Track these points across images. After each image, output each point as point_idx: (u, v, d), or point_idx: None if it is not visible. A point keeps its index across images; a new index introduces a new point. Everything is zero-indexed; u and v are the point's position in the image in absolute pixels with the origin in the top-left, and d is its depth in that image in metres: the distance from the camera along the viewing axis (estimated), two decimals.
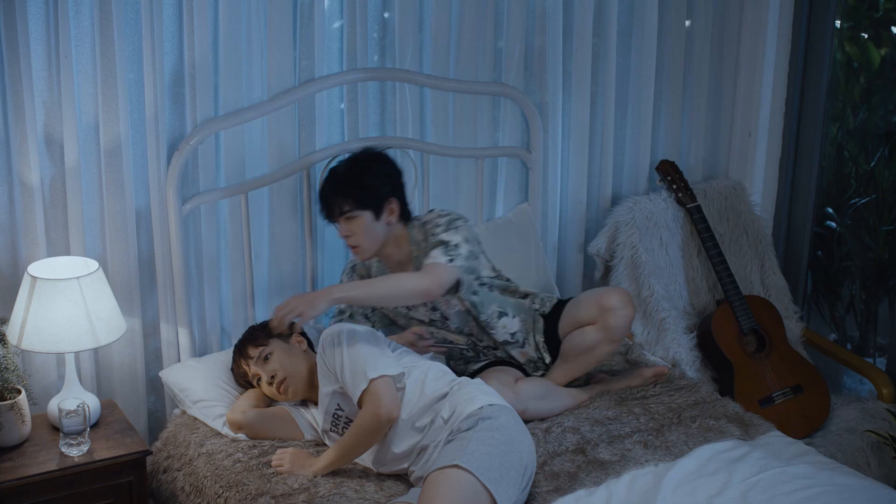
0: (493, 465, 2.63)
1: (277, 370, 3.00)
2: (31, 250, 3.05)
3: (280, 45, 3.29)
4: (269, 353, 3.03)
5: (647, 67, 3.90)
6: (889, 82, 4.36)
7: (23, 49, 2.91)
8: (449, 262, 3.07)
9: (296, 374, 3.01)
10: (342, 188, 3.12)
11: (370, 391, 2.78)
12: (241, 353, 3.09)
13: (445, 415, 2.79)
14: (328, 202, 3.15)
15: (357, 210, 3.11)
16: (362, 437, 2.80)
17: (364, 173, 3.13)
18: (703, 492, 2.75)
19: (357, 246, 3.16)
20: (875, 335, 4.36)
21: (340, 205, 3.11)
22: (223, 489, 2.83)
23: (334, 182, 3.14)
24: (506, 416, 2.79)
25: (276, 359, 3.02)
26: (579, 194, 3.92)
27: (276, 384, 3.00)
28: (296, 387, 3.02)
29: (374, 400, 2.77)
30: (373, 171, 3.14)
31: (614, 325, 3.19)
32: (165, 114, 3.18)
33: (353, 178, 3.12)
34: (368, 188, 3.11)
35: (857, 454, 3.55)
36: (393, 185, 3.18)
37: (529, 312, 3.36)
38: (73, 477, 2.82)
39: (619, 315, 3.19)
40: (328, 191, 3.15)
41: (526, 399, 3.13)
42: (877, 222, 4.22)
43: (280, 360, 3.02)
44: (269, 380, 3.01)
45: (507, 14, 3.63)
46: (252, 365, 3.04)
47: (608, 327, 3.19)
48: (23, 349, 2.87)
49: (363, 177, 3.12)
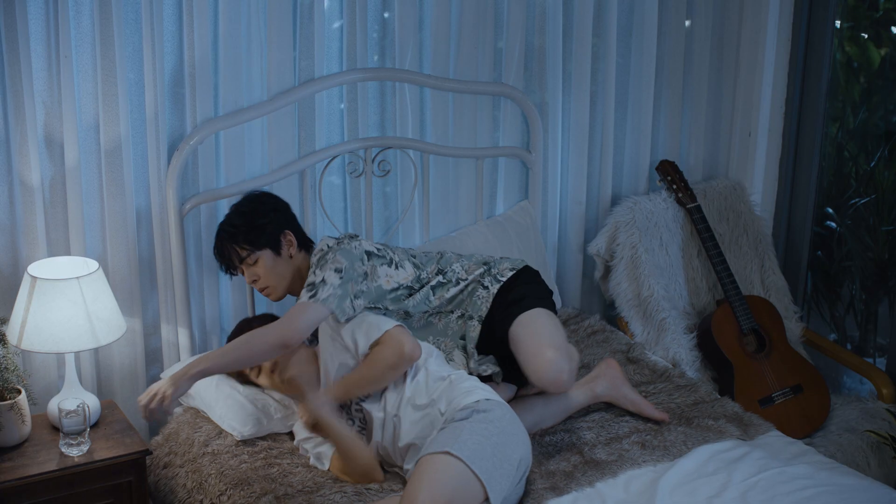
0: (485, 456, 2.63)
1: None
2: (31, 250, 3.05)
3: (280, 45, 3.29)
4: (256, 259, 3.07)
5: (647, 67, 3.90)
6: (889, 82, 4.35)
7: (23, 49, 2.91)
8: (310, 297, 2.93)
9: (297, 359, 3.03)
10: (234, 235, 3.07)
11: (389, 335, 2.85)
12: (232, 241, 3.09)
13: (442, 407, 2.80)
14: (225, 254, 3.11)
15: (256, 252, 3.07)
16: (381, 370, 2.85)
17: (251, 215, 3.08)
18: (702, 492, 2.74)
19: (266, 287, 3.12)
20: (875, 335, 4.35)
21: (238, 252, 3.08)
22: (227, 487, 2.84)
23: (225, 234, 3.10)
24: (501, 411, 2.79)
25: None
26: (579, 194, 3.92)
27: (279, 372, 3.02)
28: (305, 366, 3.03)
29: (396, 341, 2.84)
30: (259, 212, 3.09)
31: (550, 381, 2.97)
32: (165, 114, 3.18)
33: (242, 224, 3.07)
34: (260, 227, 3.07)
35: (857, 454, 3.55)
36: (283, 218, 3.13)
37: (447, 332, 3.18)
38: (73, 477, 2.82)
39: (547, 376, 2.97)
40: (222, 244, 3.11)
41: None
42: (877, 222, 4.22)
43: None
44: (272, 368, 3.03)
45: (507, 14, 3.63)
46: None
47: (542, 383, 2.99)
48: (23, 349, 2.87)
49: (251, 218, 3.07)
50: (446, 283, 3.19)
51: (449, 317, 3.19)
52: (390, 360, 2.84)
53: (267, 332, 2.91)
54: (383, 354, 2.85)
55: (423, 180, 3.61)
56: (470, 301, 3.17)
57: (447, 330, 3.18)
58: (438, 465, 2.59)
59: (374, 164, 3.51)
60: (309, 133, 3.44)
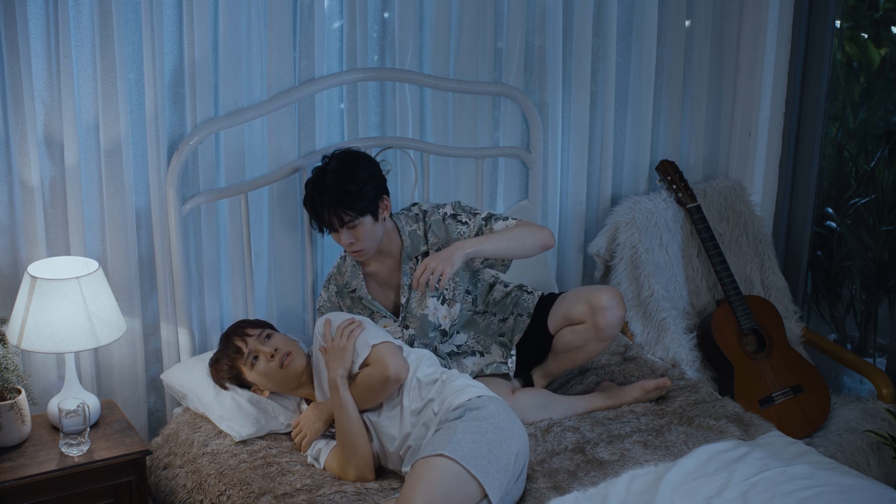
0: (481, 454, 2.63)
1: (280, 346, 3.00)
2: (31, 250, 3.05)
3: (280, 45, 3.29)
4: (270, 334, 3.04)
5: (647, 67, 3.90)
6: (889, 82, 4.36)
7: (23, 49, 2.91)
8: (503, 220, 3.24)
9: (298, 352, 3.02)
10: (341, 202, 3.08)
11: (374, 354, 2.85)
12: (237, 333, 3.06)
13: (436, 408, 2.81)
14: (325, 217, 3.12)
15: (358, 218, 3.10)
16: (370, 395, 2.86)
17: (354, 181, 3.10)
18: (702, 492, 2.74)
19: (361, 249, 3.16)
20: (875, 335, 4.35)
21: (341, 217, 3.10)
22: (226, 487, 2.84)
23: (328, 197, 3.10)
24: (494, 406, 2.79)
25: (277, 337, 3.03)
26: (579, 194, 3.92)
27: (280, 357, 2.98)
28: (298, 364, 3.00)
29: (381, 361, 2.84)
30: (361, 178, 3.12)
31: (604, 325, 3.19)
32: (165, 114, 3.18)
33: (346, 189, 3.08)
34: (364, 194, 3.10)
35: (857, 454, 3.55)
36: (381, 183, 3.18)
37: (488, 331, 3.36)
38: (73, 477, 2.82)
39: (609, 315, 3.19)
40: (323, 206, 3.11)
41: (523, 410, 3.13)
42: (877, 222, 4.22)
43: (282, 339, 3.03)
44: (272, 354, 2.99)
45: (507, 14, 3.63)
46: (251, 342, 3.02)
47: (598, 327, 3.20)
48: (23, 349, 2.87)
49: (359, 186, 3.10)
50: (496, 283, 3.38)
51: (492, 318, 3.35)
52: (376, 384, 2.86)
53: (536, 231, 3.18)
54: (370, 379, 2.86)
55: (423, 180, 3.61)
56: (517, 303, 3.36)
57: (488, 329, 3.33)
58: (433, 467, 2.59)
59: None
60: (309, 133, 3.44)
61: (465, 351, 3.32)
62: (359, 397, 2.88)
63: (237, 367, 3.06)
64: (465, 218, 3.25)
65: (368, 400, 2.89)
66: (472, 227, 3.23)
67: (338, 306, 3.28)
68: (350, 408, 2.86)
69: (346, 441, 2.85)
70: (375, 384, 2.85)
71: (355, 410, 2.87)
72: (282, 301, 3.51)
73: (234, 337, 3.06)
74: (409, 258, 3.24)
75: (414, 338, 3.26)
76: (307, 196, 3.16)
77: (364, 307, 3.27)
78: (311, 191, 3.15)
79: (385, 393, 2.87)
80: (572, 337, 3.25)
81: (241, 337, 3.05)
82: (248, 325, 3.09)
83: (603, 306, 3.18)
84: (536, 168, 3.77)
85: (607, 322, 3.19)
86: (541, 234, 3.19)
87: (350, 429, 2.85)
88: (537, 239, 3.19)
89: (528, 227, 3.21)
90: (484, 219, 3.25)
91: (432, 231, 3.25)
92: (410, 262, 3.24)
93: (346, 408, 2.86)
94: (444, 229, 3.24)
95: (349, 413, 2.85)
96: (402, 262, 3.24)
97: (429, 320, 3.26)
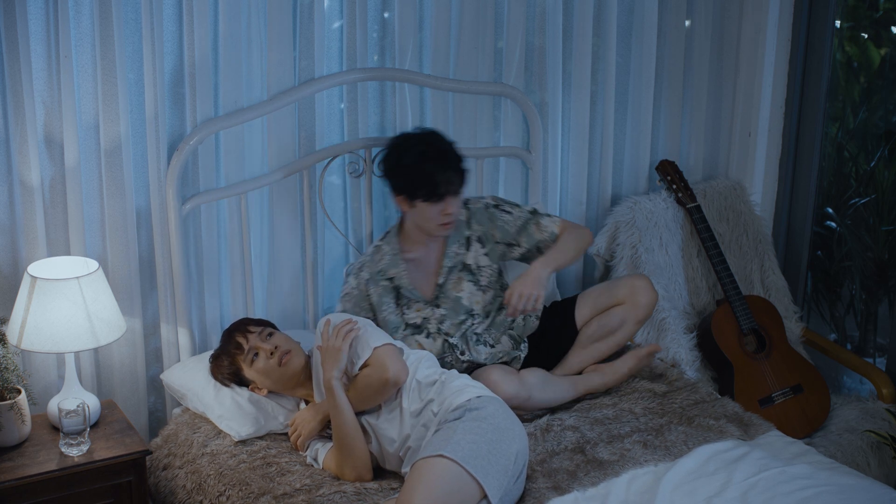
0: (480, 454, 2.63)
1: (280, 344, 3.01)
2: (31, 250, 3.05)
3: (280, 45, 3.29)
4: (271, 332, 3.05)
5: (647, 67, 3.90)
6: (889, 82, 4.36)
7: (23, 49, 2.91)
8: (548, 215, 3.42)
9: (297, 351, 3.02)
10: (456, 167, 3.19)
11: (375, 357, 2.85)
12: (239, 329, 3.06)
13: (435, 409, 2.81)
14: (444, 180, 3.16)
15: (462, 188, 3.21)
16: (368, 396, 2.86)
17: (456, 151, 3.23)
18: (702, 492, 2.74)
19: (451, 223, 3.23)
20: (875, 335, 4.36)
21: (457, 183, 3.18)
22: (226, 487, 2.84)
23: (448, 160, 3.18)
24: (494, 406, 2.79)
25: (278, 336, 3.04)
26: (579, 194, 3.92)
27: (280, 354, 2.98)
28: (296, 363, 3.00)
29: (381, 364, 2.84)
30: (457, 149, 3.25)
31: (644, 303, 3.34)
32: (165, 114, 3.18)
33: (457, 157, 3.20)
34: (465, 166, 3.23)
35: (857, 454, 3.55)
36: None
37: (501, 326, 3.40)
38: (72, 477, 2.82)
39: (650, 293, 3.35)
40: (442, 169, 3.16)
41: (530, 387, 3.17)
42: (877, 222, 4.22)
43: (283, 338, 3.04)
44: (272, 351, 2.99)
45: (507, 14, 3.63)
46: (252, 339, 3.02)
47: (638, 305, 3.33)
48: (23, 349, 2.87)
49: (459, 155, 3.22)
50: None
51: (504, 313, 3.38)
52: (375, 385, 2.86)
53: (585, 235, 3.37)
54: (369, 381, 2.86)
55: None
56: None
57: (502, 325, 3.37)
58: (432, 468, 2.59)
59: (374, 164, 3.50)
60: (309, 133, 3.44)
61: (484, 341, 3.34)
62: (357, 398, 2.88)
63: (237, 364, 3.06)
64: (509, 208, 3.36)
65: (367, 401, 2.89)
66: (518, 218, 3.35)
67: (365, 294, 3.28)
68: (346, 409, 2.85)
69: (343, 442, 2.85)
70: (374, 386, 2.85)
71: (351, 412, 2.86)
72: (282, 301, 3.51)
73: (236, 333, 3.07)
74: (453, 242, 3.31)
75: (445, 317, 3.31)
76: (419, 158, 3.18)
77: (400, 295, 3.29)
78: (428, 154, 3.18)
79: (384, 395, 2.87)
80: (608, 320, 3.35)
81: (242, 333, 3.05)
82: (251, 323, 3.09)
83: (644, 286, 3.35)
84: (536, 168, 3.76)
85: (648, 300, 3.34)
86: (588, 234, 3.41)
87: (346, 430, 2.85)
88: (587, 240, 3.41)
89: (575, 228, 3.39)
90: (530, 212, 3.37)
91: (476, 219, 3.33)
92: (454, 245, 3.31)
93: (341, 409, 2.85)
94: (489, 217, 3.34)
95: (345, 414, 2.85)
96: (447, 246, 3.31)
97: (462, 303, 3.31)
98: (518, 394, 3.11)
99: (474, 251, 3.34)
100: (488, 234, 3.34)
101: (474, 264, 3.34)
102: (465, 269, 3.32)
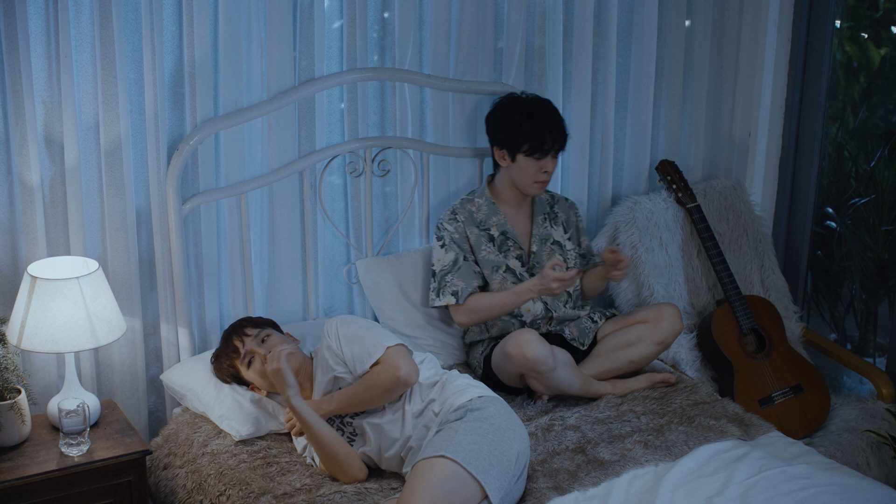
0: (482, 455, 2.63)
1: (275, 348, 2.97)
2: (31, 250, 3.05)
3: (280, 44, 3.29)
4: (267, 335, 3.03)
5: (647, 67, 3.90)
6: (889, 82, 4.36)
7: (23, 49, 2.91)
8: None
9: (295, 353, 2.99)
10: (560, 128, 3.37)
11: (388, 356, 2.84)
12: (236, 333, 3.06)
13: (436, 409, 2.81)
14: (550, 137, 3.33)
15: (562, 150, 3.41)
16: (376, 393, 2.85)
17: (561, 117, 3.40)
18: (702, 492, 2.74)
19: (546, 181, 3.41)
20: (875, 335, 4.36)
21: (560, 143, 3.36)
22: (226, 487, 2.84)
23: (555, 120, 3.36)
24: (495, 407, 2.79)
25: (275, 339, 3.03)
26: (579, 194, 3.92)
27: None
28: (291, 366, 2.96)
29: (394, 363, 2.83)
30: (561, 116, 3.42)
31: (667, 327, 3.39)
32: (165, 114, 3.18)
33: (561, 120, 3.38)
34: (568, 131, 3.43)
35: (857, 454, 3.55)
36: None
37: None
38: (72, 477, 2.82)
39: (675, 321, 3.39)
40: (549, 127, 3.34)
41: (557, 360, 3.19)
42: (877, 222, 4.22)
43: (279, 340, 3.03)
44: (266, 356, 2.97)
45: (507, 14, 3.63)
46: (248, 342, 3.02)
47: (660, 327, 3.37)
48: (23, 349, 2.87)
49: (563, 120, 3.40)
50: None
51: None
52: (386, 383, 2.84)
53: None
54: (380, 378, 2.85)
55: (423, 180, 3.61)
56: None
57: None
58: (434, 468, 2.59)
59: (374, 163, 3.51)
60: (309, 133, 3.44)
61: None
62: (363, 396, 2.87)
63: (235, 367, 3.06)
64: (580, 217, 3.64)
65: (373, 400, 2.88)
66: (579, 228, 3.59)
67: (465, 236, 3.42)
68: (315, 421, 2.84)
69: (324, 452, 2.85)
70: (385, 384, 2.84)
71: (320, 422, 2.85)
72: (281, 301, 3.50)
73: (233, 336, 3.07)
74: (539, 212, 3.51)
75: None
76: (528, 114, 3.33)
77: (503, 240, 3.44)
78: (535, 113, 3.33)
79: (393, 394, 2.86)
80: (627, 333, 3.40)
81: (239, 337, 3.05)
82: (249, 325, 3.08)
83: (672, 312, 3.40)
84: None
85: (671, 326, 3.38)
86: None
87: (322, 440, 2.84)
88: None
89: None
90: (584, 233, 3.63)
91: (559, 205, 3.56)
92: (540, 216, 3.50)
93: (310, 423, 2.84)
94: (569, 207, 3.58)
95: (317, 427, 2.84)
96: (534, 214, 3.50)
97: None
98: (546, 360, 3.13)
99: (559, 233, 3.53)
100: (570, 222, 3.57)
101: (563, 242, 3.50)
102: (557, 244, 3.51)
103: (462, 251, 3.40)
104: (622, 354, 3.38)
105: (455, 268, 3.39)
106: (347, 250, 3.61)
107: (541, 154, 3.33)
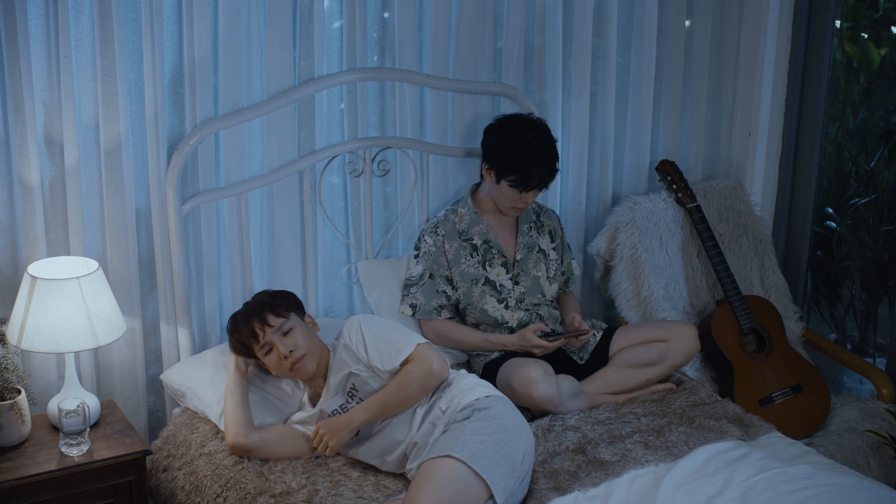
0: (488, 454, 2.63)
1: (299, 345, 2.92)
2: (31, 250, 3.05)
3: (280, 44, 3.29)
4: (291, 328, 2.94)
5: (647, 67, 3.90)
6: (889, 82, 4.36)
7: (23, 49, 2.91)
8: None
9: (313, 354, 2.95)
10: (552, 166, 3.35)
11: (418, 351, 2.87)
12: (258, 318, 2.95)
13: (443, 406, 2.81)
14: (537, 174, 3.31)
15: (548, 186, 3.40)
16: (412, 391, 2.85)
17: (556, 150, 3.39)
18: (703, 492, 2.75)
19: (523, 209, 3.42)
20: (875, 335, 4.36)
21: (546, 181, 3.35)
22: (222, 488, 2.83)
23: (548, 157, 3.34)
24: (502, 407, 2.79)
25: (298, 334, 2.94)
26: (579, 194, 3.92)
27: (293, 360, 2.91)
28: (309, 367, 2.94)
29: (425, 357, 2.85)
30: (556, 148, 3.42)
31: (686, 349, 3.37)
32: (165, 114, 3.18)
33: (555, 156, 3.36)
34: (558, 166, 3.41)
35: (857, 454, 3.55)
36: None
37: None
38: (72, 477, 2.82)
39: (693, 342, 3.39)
40: (540, 163, 3.31)
41: (563, 395, 3.19)
42: (877, 222, 4.22)
43: (302, 337, 2.94)
44: (286, 354, 2.91)
45: (507, 14, 3.63)
46: (269, 334, 2.93)
47: (679, 350, 3.37)
48: (23, 349, 2.87)
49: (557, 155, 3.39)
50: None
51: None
52: (420, 379, 2.85)
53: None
54: (413, 375, 2.85)
55: (423, 180, 3.61)
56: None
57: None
58: (440, 468, 2.59)
59: (373, 163, 3.51)
60: (309, 133, 3.43)
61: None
62: (400, 397, 2.85)
63: (251, 347, 2.98)
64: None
65: (409, 399, 2.86)
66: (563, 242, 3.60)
67: (442, 251, 3.41)
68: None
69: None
70: (419, 380, 2.84)
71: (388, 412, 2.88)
72: None
73: (255, 321, 2.95)
74: (525, 220, 3.50)
75: (525, 295, 3.43)
76: (524, 145, 3.31)
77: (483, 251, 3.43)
78: (532, 144, 3.32)
79: (426, 389, 2.86)
80: (647, 351, 3.36)
81: (261, 324, 2.94)
82: (271, 312, 2.95)
83: (690, 332, 3.40)
84: None
85: (689, 347, 3.38)
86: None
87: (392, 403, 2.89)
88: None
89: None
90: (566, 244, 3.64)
91: (545, 214, 3.58)
92: (525, 225, 3.50)
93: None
94: (556, 219, 3.60)
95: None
96: (521, 222, 3.49)
97: (540, 283, 3.47)
98: (552, 399, 3.14)
99: (546, 242, 3.52)
100: (556, 231, 3.57)
101: (548, 251, 3.50)
102: (542, 253, 3.51)
103: (435, 265, 3.41)
104: (640, 373, 3.35)
105: (420, 282, 3.41)
106: (347, 250, 3.61)
107: (524, 189, 3.32)
